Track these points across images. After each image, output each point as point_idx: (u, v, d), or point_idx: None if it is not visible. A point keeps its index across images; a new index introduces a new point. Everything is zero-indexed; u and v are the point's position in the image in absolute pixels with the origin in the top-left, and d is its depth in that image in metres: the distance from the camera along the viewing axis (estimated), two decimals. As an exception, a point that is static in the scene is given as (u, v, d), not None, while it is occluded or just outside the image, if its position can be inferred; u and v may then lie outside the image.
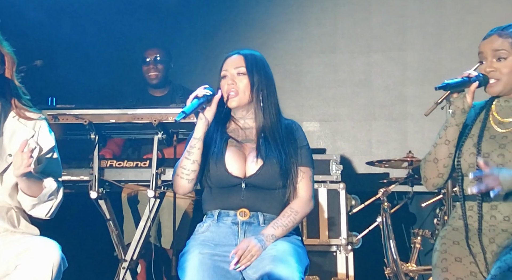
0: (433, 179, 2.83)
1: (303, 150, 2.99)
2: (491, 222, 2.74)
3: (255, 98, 2.94)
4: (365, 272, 4.94)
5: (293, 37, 5.82)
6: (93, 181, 3.90)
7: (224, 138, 2.96)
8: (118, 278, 3.97)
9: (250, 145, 2.95)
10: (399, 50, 5.71)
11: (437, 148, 2.79)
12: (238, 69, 2.95)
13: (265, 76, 2.97)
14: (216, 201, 2.93)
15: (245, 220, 2.88)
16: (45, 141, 3.01)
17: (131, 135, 4.11)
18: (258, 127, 2.95)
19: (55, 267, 2.68)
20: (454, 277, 2.67)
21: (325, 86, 5.78)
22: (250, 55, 3.01)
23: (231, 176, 2.88)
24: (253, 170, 2.89)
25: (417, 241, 4.72)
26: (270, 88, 2.98)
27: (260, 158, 2.89)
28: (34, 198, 2.91)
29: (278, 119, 2.98)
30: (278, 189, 2.91)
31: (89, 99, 5.18)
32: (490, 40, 2.81)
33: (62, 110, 3.87)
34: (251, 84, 2.93)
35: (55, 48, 5.53)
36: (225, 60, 3.02)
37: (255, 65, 2.97)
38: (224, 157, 2.91)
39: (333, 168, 4.87)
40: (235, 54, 3.01)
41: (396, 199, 5.16)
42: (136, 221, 4.36)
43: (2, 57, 2.94)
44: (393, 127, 5.65)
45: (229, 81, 2.94)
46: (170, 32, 5.88)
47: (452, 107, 2.74)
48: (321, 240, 4.72)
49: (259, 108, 2.95)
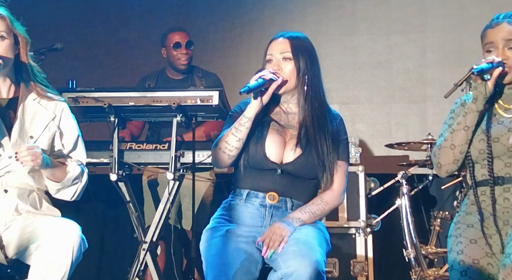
0: (448, 166, 2.82)
1: (342, 144, 2.98)
2: (505, 204, 2.74)
3: (300, 84, 2.91)
4: (384, 254, 4.94)
5: (312, 19, 5.79)
6: (113, 164, 3.91)
7: (267, 121, 2.95)
8: (138, 259, 4.00)
9: (291, 131, 2.94)
10: (419, 32, 5.67)
11: (454, 134, 2.78)
12: (283, 54, 2.91)
13: (310, 61, 2.93)
14: (247, 181, 2.93)
15: (274, 204, 2.89)
16: (67, 125, 3.05)
17: (150, 118, 4.11)
18: (301, 114, 2.93)
19: (75, 248, 2.70)
20: (470, 259, 2.67)
21: (345, 68, 5.76)
22: (296, 38, 2.95)
23: (268, 161, 2.89)
24: (290, 158, 2.89)
25: (437, 223, 4.70)
26: (316, 73, 2.94)
27: (299, 147, 2.88)
28: (58, 183, 2.95)
29: (323, 107, 2.95)
30: (311, 179, 2.92)
31: (108, 81, 5.20)
32: (500, 29, 2.79)
33: (82, 93, 3.88)
34: (297, 69, 2.90)
35: (74, 31, 5.55)
36: (270, 43, 2.97)
37: (300, 49, 2.92)
38: (265, 140, 2.90)
39: (352, 151, 4.87)
40: (281, 38, 2.96)
41: (415, 182, 5.14)
42: (156, 204, 4.38)
43: (15, 38, 2.96)
44: (412, 109, 5.62)
45: (274, 66, 2.91)
46: (188, 13, 5.87)
47: (475, 93, 2.73)
48: (340, 223, 4.73)
49: (303, 94, 2.92)
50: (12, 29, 2.94)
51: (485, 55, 2.83)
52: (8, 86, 2.99)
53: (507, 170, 2.77)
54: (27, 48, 2.99)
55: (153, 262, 4.03)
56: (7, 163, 2.89)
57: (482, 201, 2.80)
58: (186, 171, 3.96)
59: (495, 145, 2.75)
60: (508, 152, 2.75)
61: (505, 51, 2.76)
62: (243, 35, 5.68)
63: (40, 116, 2.98)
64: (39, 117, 2.98)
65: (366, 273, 4.66)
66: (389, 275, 4.98)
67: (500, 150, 2.76)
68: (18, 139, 2.90)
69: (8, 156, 2.89)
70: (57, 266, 2.66)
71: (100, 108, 3.87)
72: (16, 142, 2.89)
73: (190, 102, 3.83)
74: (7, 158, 2.89)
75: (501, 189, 2.76)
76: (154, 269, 4.03)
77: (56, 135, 3.01)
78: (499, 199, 2.75)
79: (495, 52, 2.77)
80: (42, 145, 2.93)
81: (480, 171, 2.83)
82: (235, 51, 5.73)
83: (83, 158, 3.09)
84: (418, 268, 4.58)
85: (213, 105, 3.83)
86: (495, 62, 2.69)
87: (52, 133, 2.99)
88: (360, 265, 4.67)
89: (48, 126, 2.98)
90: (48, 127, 2.98)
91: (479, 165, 2.83)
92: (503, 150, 2.75)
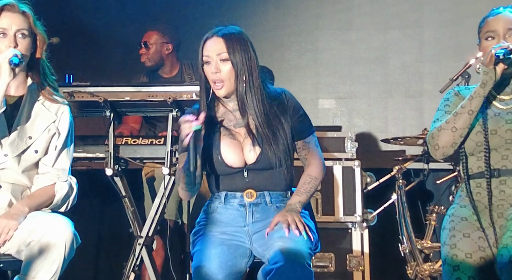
0: (446, 148, 2.81)
1: (301, 120, 2.96)
2: (500, 196, 2.75)
3: (239, 82, 2.88)
4: (380, 249, 4.95)
5: (309, 14, 5.78)
6: (109, 158, 3.91)
7: (216, 129, 2.91)
8: (134, 254, 4.01)
9: (243, 131, 2.92)
10: (415, 26, 5.66)
11: (457, 117, 2.77)
12: (220, 55, 2.86)
13: (246, 57, 2.88)
14: (221, 184, 2.94)
15: (252, 201, 2.90)
16: (63, 127, 3.04)
17: (145, 113, 4.12)
18: (245, 110, 2.90)
19: (68, 244, 2.70)
20: (462, 253, 2.68)
21: (341, 63, 5.75)
22: (229, 36, 2.89)
23: (232, 168, 2.89)
24: (252, 159, 2.88)
25: (432, 218, 4.71)
26: (253, 68, 2.89)
27: (257, 146, 2.87)
28: (47, 208, 2.95)
29: (265, 96, 2.91)
30: (281, 167, 2.90)
31: (102, 77, 5.19)
32: (502, 17, 2.80)
33: (78, 87, 3.88)
34: (234, 69, 2.86)
35: (68, 26, 5.54)
36: (204, 43, 2.91)
37: (236, 47, 2.87)
38: (220, 149, 2.89)
39: (348, 146, 4.87)
40: (214, 37, 2.90)
41: (411, 176, 5.16)
42: (153, 199, 4.39)
43: (34, 37, 2.96)
44: (409, 104, 5.62)
45: (213, 69, 2.86)
46: (180, 8, 5.86)
47: (485, 77, 2.72)
48: (336, 218, 4.73)
49: (244, 91, 2.88)
50: (34, 28, 2.95)
51: (483, 42, 2.83)
52: (18, 84, 2.98)
53: (504, 162, 2.78)
54: (43, 48, 2.99)
55: (149, 257, 4.04)
56: (3, 161, 2.90)
57: (477, 193, 2.81)
58: (182, 165, 3.96)
59: (493, 137, 2.76)
60: (506, 144, 2.76)
61: (507, 39, 2.76)
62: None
63: (41, 118, 2.98)
64: (41, 119, 2.97)
65: (362, 267, 4.66)
66: (385, 269, 4.99)
67: (497, 142, 2.76)
68: (17, 138, 2.91)
69: (4, 154, 2.89)
70: (50, 261, 2.67)
71: (96, 102, 3.88)
72: (14, 141, 2.90)
73: (186, 97, 3.84)
74: (3, 156, 2.89)
75: (497, 182, 2.77)
76: (149, 264, 4.04)
77: (54, 137, 3.01)
78: (495, 192, 2.77)
79: (496, 39, 2.78)
80: (39, 147, 2.94)
81: (476, 164, 2.84)
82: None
83: (67, 164, 3.04)
84: (414, 262, 4.59)
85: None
86: (509, 49, 2.68)
87: (51, 135, 2.99)
88: (356, 259, 4.67)
89: (48, 128, 2.98)
90: (48, 129, 2.98)
91: (475, 158, 2.83)
92: (500, 142, 2.76)
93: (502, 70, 2.70)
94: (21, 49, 2.87)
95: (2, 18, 2.89)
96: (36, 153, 2.95)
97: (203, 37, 2.93)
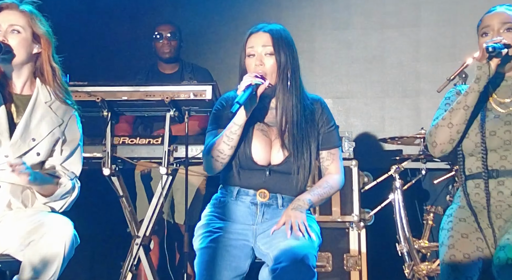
0: (443, 145, 2.82)
1: (331, 130, 2.97)
2: (498, 197, 2.75)
3: (280, 79, 2.87)
4: (377, 248, 4.94)
5: (306, 13, 5.79)
6: (106, 158, 3.91)
7: (251, 120, 2.89)
8: (131, 254, 4.00)
9: (275, 130, 2.91)
10: (412, 26, 5.66)
11: (453, 113, 2.77)
12: (265, 48, 2.86)
13: (291, 55, 2.89)
14: (237, 179, 2.92)
15: (264, 202, 2.89)
16: (71, 132, 3.01)
17: (143, 112, 4.11)
18: (282, 110, 2.89)
19: (67, 244, 2.69)
20: (461, 253, 2.68)
21: (338, 63, 5.75)
22: (276, 32, 2.89)
23: (256, 164, 2.88)
24: (278, 160, 2.88)
25: (430, 217, 4.72)
26: (296, 67, 2.91)
27: (286, 149, 2.86)
28: (45, 198, 2.92)
29: (301, 100, 2.90)
30: (298, 174, 2.90)
31: (100, 76, 5.18)
32: (497, 13, 2.83)
33: (75, 87, 3.87)
34: (278, 64, 2.85)
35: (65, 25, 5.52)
36: (249, 36, 2.92)
37: (282, 44, 2.87)
38: (251, 144, 2.88)
39: (345, 145, 4.86)
40: (261, 31, 2.90)
41: (409, 176, 5.16)
42: (149, 198, 4.38)
43: (36, 37, 2.95)
44: (406, 103, 5.62)
45: (257, 61, 2.86)
46: (181, 8, 5.86)
47: (479, 73, 2.73)
48: (333, 217, 4.72)
49: (283, 89, 2.88)
50: (32, 26, 2.93)
51: (480, 39, 2.83)
52: (23, 82, 2.96)
53: (502, 163, 2.78)
54: (49, 49, 2.96)
55: (146, 257, 4.04)
56: (2, 162, 2.87)
57: (476, 194, 2.81)
58: (179, 165, 3.96)
59: (492, 138, 2.76)
60: (504, 145, 2.76)
61: (500, 33, 2.77)
62: (237, 29, 5.65)
63: (47, 120, 2.95)
64: (46, 121, 2.94)
65: (360, 267, 4.66)
66: (382, 269, 4.98)
67: (496, 143, 2.77)
68: (19, 139, 2.88)
69: (4, 155, 2.87)
70: (49, 261, 2.66)
71: (93, 102, 3.87)
72: (16, 143, 2.87)
73: (184, 96, 3.84)
74: (3, 157, 2.87)
75: (495, 182, 2.77)
76: (147, 264, 4.04)
77: (58, 141, 2.98)
78: (493, 192, 2.77)
79: (491, 34, 2.78)
80: (42, 150, 2.92)
81: (475, 164, 2.84)
82: (229, 45, 5.71)
83: (77, 170, 3.04)
84: (411, 262, 4.60)
85: (206, 99, 3.83)
86: (501, 43, 2.69)
87: (55, 139, 2.96)
88: (353, 259, 4.67)
89: (52, 131, 2.95)
90: (52, 132, 2.95)
91: (475, 158, 2.84)
92: (499, 143, 2.76)
93: (496, 64, 2.71)
94: (11, 43, 2.87)
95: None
96: (38, 156, 2.92)
97: (247, 32, 2.93)
